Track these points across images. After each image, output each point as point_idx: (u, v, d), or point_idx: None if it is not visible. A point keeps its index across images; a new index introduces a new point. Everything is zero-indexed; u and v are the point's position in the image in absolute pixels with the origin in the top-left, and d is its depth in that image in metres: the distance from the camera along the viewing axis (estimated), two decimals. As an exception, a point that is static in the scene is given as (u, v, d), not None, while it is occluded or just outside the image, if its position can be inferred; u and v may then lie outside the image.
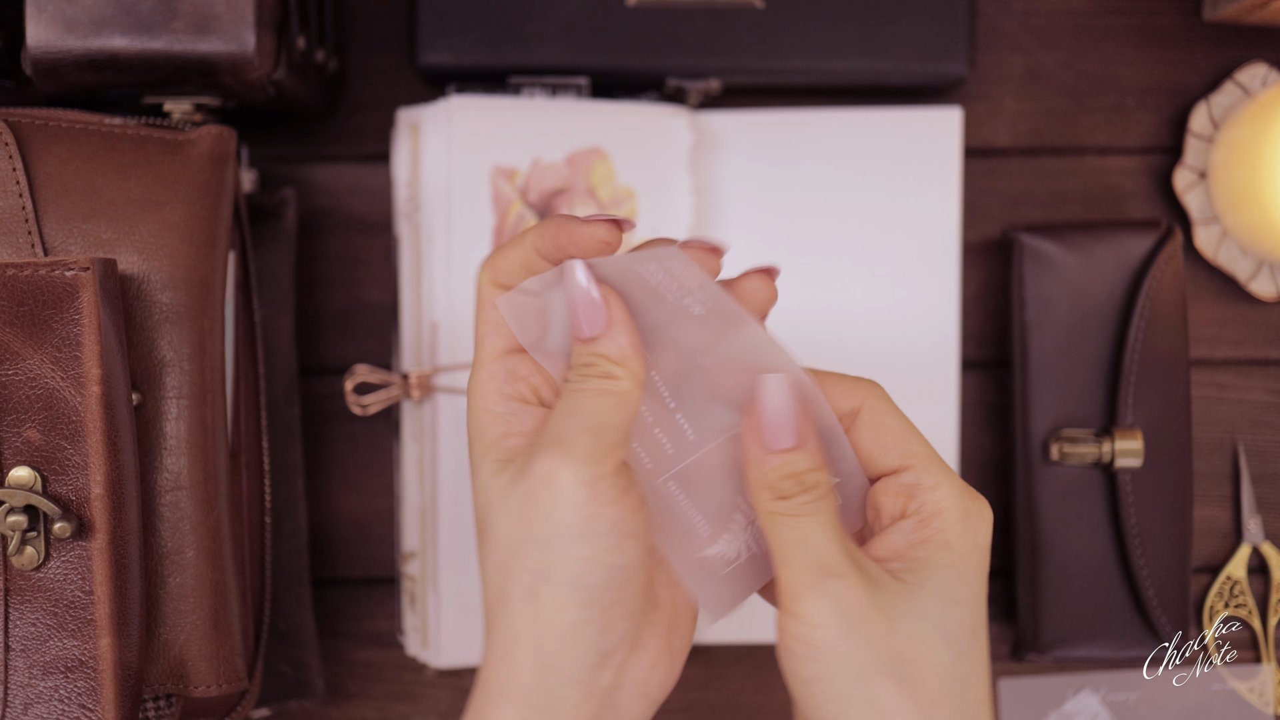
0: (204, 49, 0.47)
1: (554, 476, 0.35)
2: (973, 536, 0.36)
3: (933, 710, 0.35)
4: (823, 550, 0.35)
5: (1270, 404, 0.62)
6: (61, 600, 0.42)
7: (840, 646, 0.34)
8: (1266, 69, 0.60)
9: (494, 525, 0.36)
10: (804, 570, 0.35)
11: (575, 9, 0.56)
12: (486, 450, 0.37)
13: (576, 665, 0.35)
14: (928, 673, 0.35)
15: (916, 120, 0.58)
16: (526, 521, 0.35)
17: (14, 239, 0.44)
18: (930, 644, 0.35)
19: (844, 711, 0.34)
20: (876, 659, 0.34)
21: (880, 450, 0.37)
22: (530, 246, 0.37)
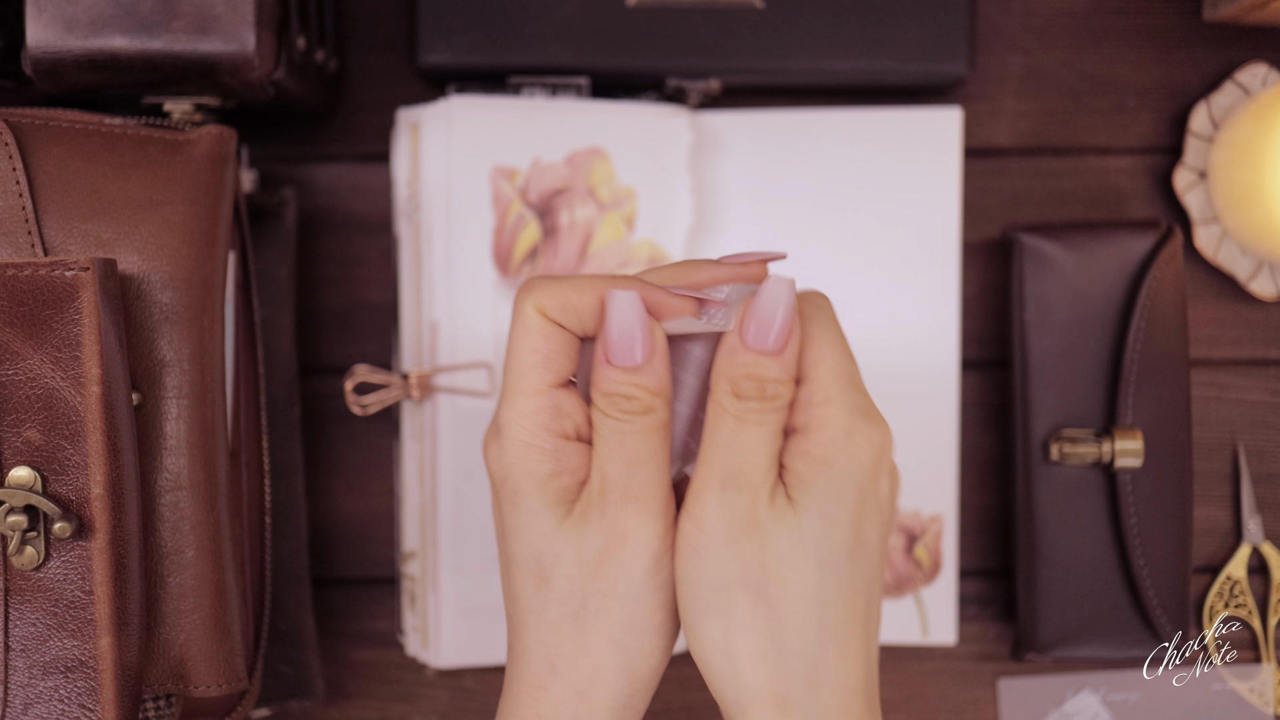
0: (204, 49, 0.47)
1: (635, 535, 0.36)
2: (854, 456, 0.36)
3: (784, 628, 0.35)
4: (747, 460, 0.35)
5: (1270, 404, 0.62)
6: (61, 600, 0.42)
7: (717, 554, 0.35)
8: (1266, 69, 0.60)
9: (558, 575, 0.36)
10: (717, 473, 0.35)
11: (575, 9, 0.56)
12: (541, 490, 0.36)
13: (646, 700, 0.38)
14: (788, 593, 0.35)
15: (916, 120, 0.58)
16: (604, 575, 0.36)
17: (14, 239, 0.44)
18: (800, 564, 0.35)
19: (700, 618, 0.36)
20: (743, 573, 0.35)
21: (800, 356, 0.37)
22: (598, 299, 0.36)
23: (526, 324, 0.37)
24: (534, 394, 0.37)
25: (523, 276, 0.56)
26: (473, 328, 0.56)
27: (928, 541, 0.59)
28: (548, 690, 0.37)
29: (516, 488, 0.37)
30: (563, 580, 0.36)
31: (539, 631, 0.37)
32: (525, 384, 0.37)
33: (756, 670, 0.35)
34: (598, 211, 0.57)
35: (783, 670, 0.35)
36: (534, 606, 0.37)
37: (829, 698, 0.35)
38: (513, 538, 0.37)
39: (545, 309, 0.37)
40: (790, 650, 0.35)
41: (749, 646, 0.35)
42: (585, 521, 0.36)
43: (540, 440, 0.37)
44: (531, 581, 0.37)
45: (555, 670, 0.37)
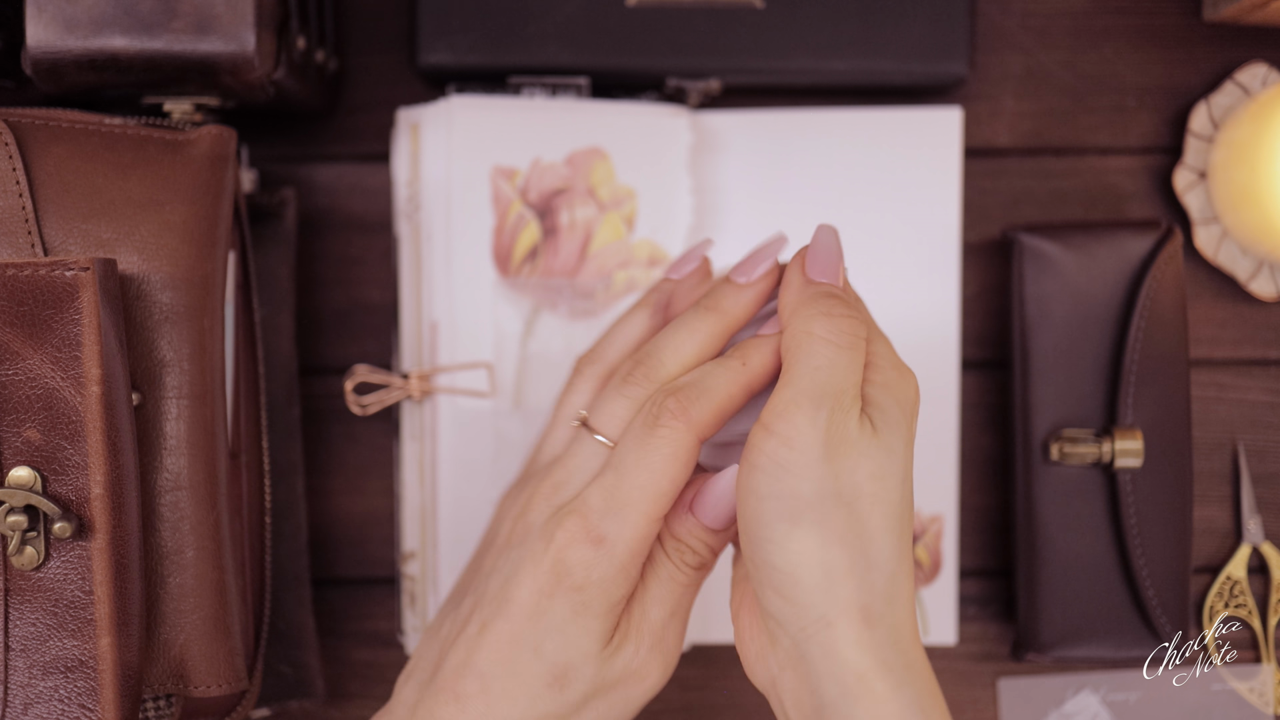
0: (204, 49, 0.47)
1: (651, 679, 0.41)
2: (907, 390, 0.38)
3: (873, 543, 0.36)
4: (840, 382, 0.36)
5: (1270, 404, 0.62)
6: (61, 600, 0.42)
7: (813, 471, 0.35)
8: (1266, 69, 0.60)
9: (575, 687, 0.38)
10: (809, 394, 0.36)
11: (575, 9, 0.56)
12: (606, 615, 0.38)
13: None
14: (878, 508, 0.36)
15: (916, 120, 0.58)
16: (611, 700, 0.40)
17: (14, 239, 0.44)
18: (889, 482, 0.36)
19: (792, 531, 0.35)
20: (836, 488, 0.35)
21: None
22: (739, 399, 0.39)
23: (679, 453, 0.37)
24: (655, 522, 0.37)
25: (522, 276, 0.56)
26: (473, 328, 0.56)
27: (928, 541, 0.59)
28: None
29: (587, 604, 0.37)
30: (576, 693, 0.38)
31: (524, 715, 0.38)
32: (654, 510, 0.37)
33: (847, 582, 0.35)
34: (598, 211, 0.57)
35: (868, 583, 0.36)
36: (534, 696, 0.38)
37: (903, 612, 0.36)
38: (551, 636, 0.37)
39: (703, 436, 0.37)
40: (876, 564, 0.36)
41: (842, 558, 0.35)
42: (620, 649, 0.38)
43: (636, 568, 0.38)
44: (546, 679, 0.38)
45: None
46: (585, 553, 0.37)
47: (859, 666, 0.35)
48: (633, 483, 0.37)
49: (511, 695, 0.38)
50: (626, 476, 0.37)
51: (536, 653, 0.37)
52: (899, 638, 0.36)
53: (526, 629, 0.37)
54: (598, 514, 0.37)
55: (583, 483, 0.39)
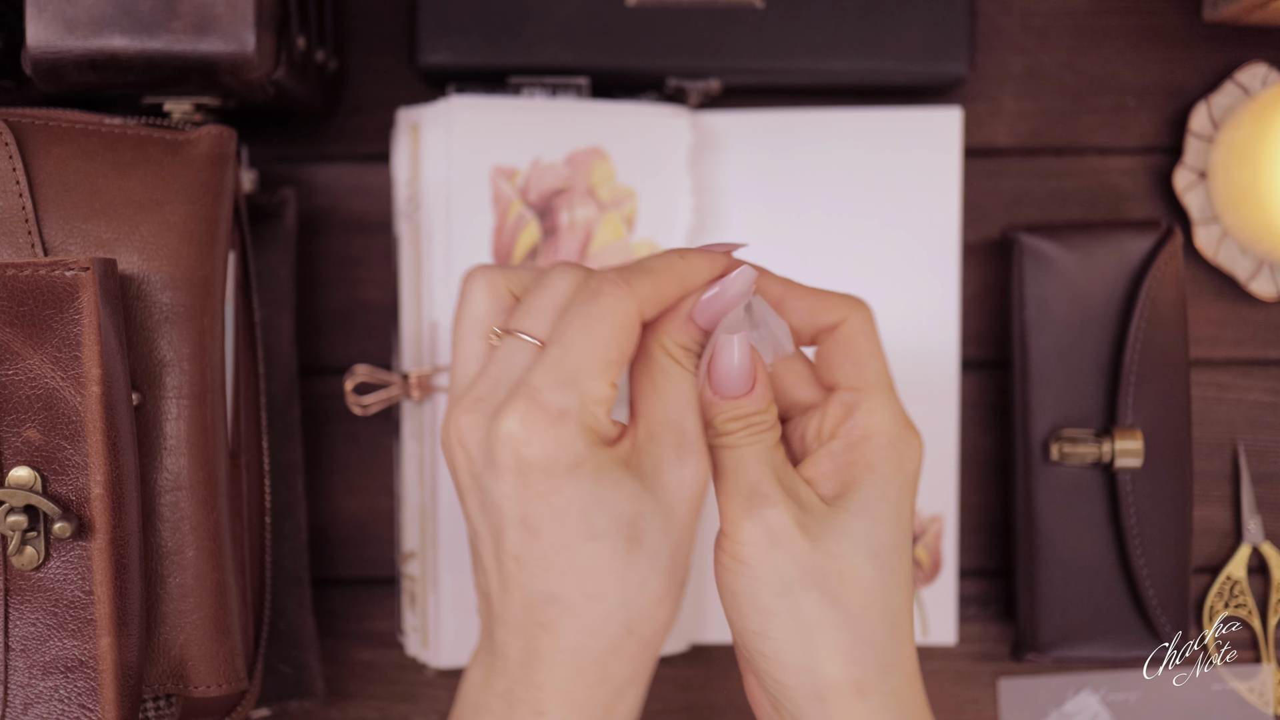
0: (204, 49, 0.47)
1: (705, 480, 0.38)
2: (898, 462, 0.38)
3: (853, 619, 0.37)
4: (755, 476, 0.37)
5: (1270, 404, 0.62)
6: (61, 600, 0.42)
7: (766, 562, 0.37)
8: (1266, 69, 0.60)
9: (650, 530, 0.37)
10: (737, 495, 0.37)
11: (575, 9, 0.56)
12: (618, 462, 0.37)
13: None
14: (849, 586, 0.37)
15: (916, 120, 0.58)
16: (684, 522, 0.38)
17: (14, 239, 0.44)
18: (853, 559, 0.37)
19: (767, 622, 0.37)
20: (799, 573, 0.36)
21: (839, 364, 0.40)
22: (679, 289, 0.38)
23: (621, 320, 0.36)
24: (609, 386, 0.37)
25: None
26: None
27: (928, 541, 0.59)
28: (620, 652, 0.36)
29: (597, 468, 0.35)
30: (655, 534, 0.36)
31: (624, 595, 0.36)
32: (605, 375, 0.36)
33: (834, 660, 0.37)
34: (598, 211, 0.57)
35: (858, 658, 0.37)
36: (621, 572, 0.36)
37: (899, 679, 0.37)
38: (595, 513, 0.35)
39: (644, 309, 0.37)
40: (863, 639, 0.37)
41: (826, 639, 0.37)
42: (661, 474, 0.37)
43: (604, 427, 0.37)
44: (623, 546, 0.36)
45: (631, 631, 0.36)
46: (553, 433, 0.35)
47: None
48: (580, 351, 0.36)
49: (601, 592, 0.36)
50: (572, 348, 0.36)
51: (594, 536, 0.35)
52: (898, 702, 0.37)
53: (563, 533, 0.35)
54: (550, 390, 0.35)
55: (510, 382, 0.37)
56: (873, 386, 0.39)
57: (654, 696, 0.61)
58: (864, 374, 0.39)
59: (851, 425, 0.39)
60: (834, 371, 0.40)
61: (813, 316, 0.40)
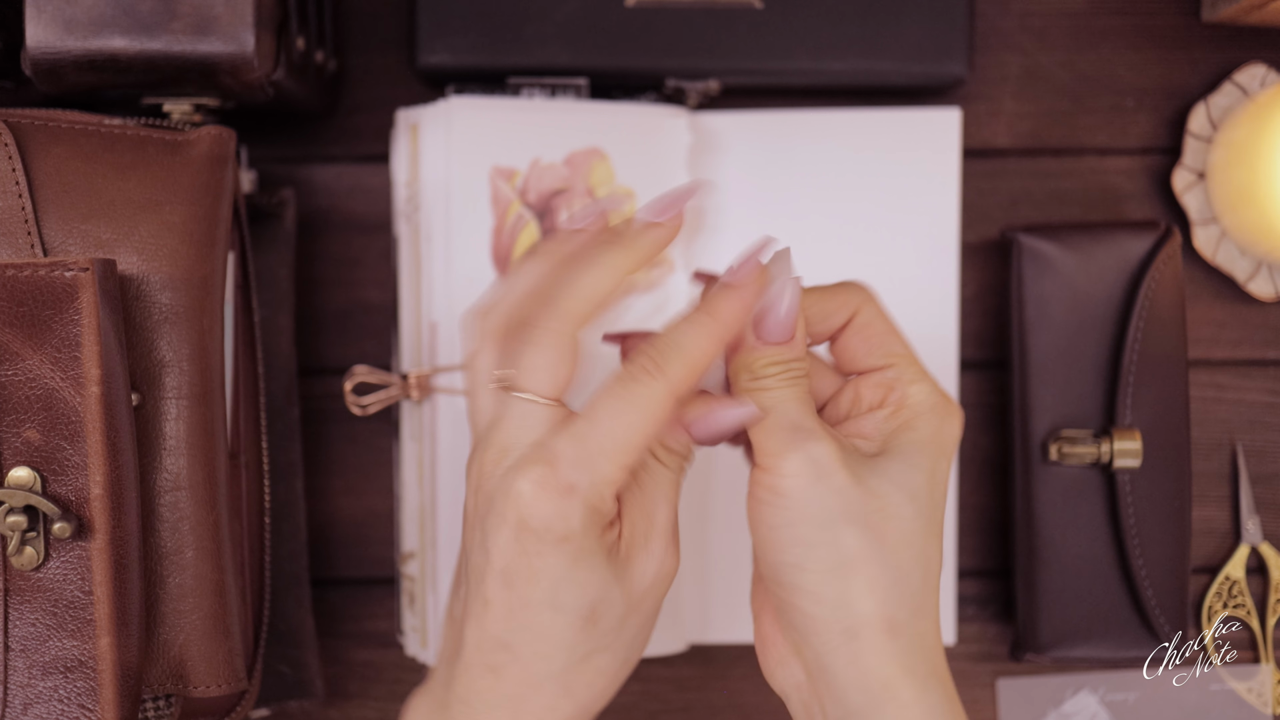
0: (203, 50, 0.47)
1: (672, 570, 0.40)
2: (938, 427, 0.39)
3: (891, 556, 0.37)
4: (796, 414, 0.38)
5: (1269, 404, 0.62)
6: (61, 600, 0.42)
7: (809, 494, 0.37)
8: (1265, 70, 0.60)
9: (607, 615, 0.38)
10: (780, 429, 0.38)
11: (574, 9, 0.56)
12: (603, 549, 0.38)
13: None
14: (889, 524, 0.37)
15: (915, 121, 0.58)
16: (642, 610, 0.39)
17: (14, 239, 0.44)
18: (894, 499, 0.38)
19: (806, 554, 0.37)
20: (842, 507, 0.37)
21: (866, 350, 0.40)
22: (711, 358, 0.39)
23: (653, 407, 0.37)
24: (624, 471, 0.37)
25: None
26: (472, 328, 0.56)
27: (927, 542, 0.59)
28: (556, 710, 0.38)
29: (582, 549, 0.37)
30: (611, 618, 0.38)
31: (566, 663, 0.38)
32: (622, 459, 0.37)
33: (870, 596, 0.37)
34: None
35: (893, 596, 0.37)
36: (570, 644, 0.37)
37: (927, 625, 0.38)
38: (563, 588, 0.37)
39: (678, 393, 0.37)
40: (900, 577, 0.37)
41: (863, 574, 0.37)
42: (631, 563, 0.38)
43: (608, 509, 0.38)
44: (578, 624, 0.37)
45: (570, 693, 0.38)
46: (556, 504, 0.36)
47: (884, 675, 0.37)
48: (606, 433, 0.37)
49: (545, 654, 0.37)
50: (599, 426, 0.37)
51: (555, 608, 0.37)
52: (923, 645, 0.38)
53: (531, 593, 0.37)
54: (568, 463, 0.36)
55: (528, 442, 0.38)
56: (904, 361, 0.40)
57: (654, 696, 0.61)
58: (892, 352, 0.40)
59: (893, 397, 0.40)
60: (859, 359, 0.41)
61: (826, 319, 0.41)
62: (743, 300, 0.39)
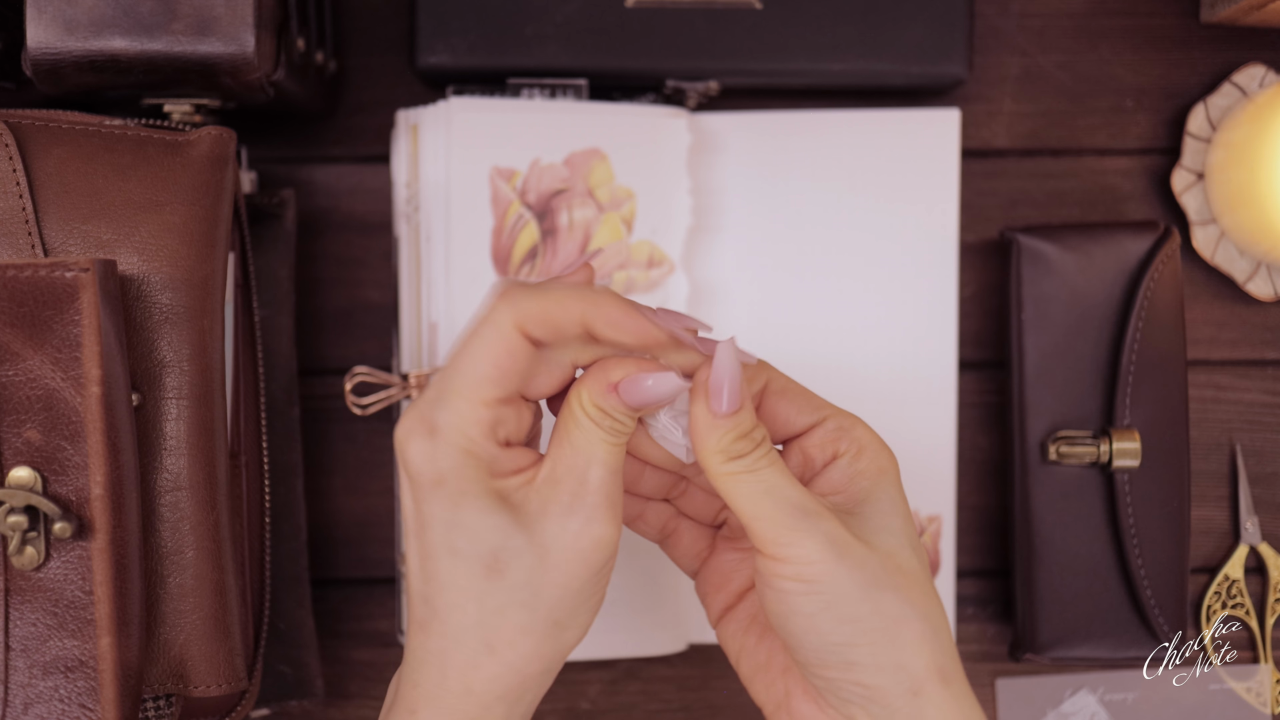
0: (204, 50, 0.47)
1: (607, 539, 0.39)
2: (893, 463, 0.40)
3: (924, 609, 0.38)
4: (794, 495, 0.38)
5: (1267, 404, 0.62)
6: (61, 600, 0.42)
7: (838, 573, 0.37)
8: (1264, 70, 0.60)
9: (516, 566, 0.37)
10: (782, 515, 0.37)
11: (574, 10, 0.56)
12: (488, 492, 0.37)
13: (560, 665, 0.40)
14: (909, 579, 0.38)
15: (915, 121, 0.58)
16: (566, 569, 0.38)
17: (14, 240, 0.44)
18: (901, 553, 0.39)
19: (857, 629, 0.37)
20: (871, 577, 0.37)
21: (796, 410, 0.41)
22: (581, 316, 0.37)
23: (498, 335, 0.37)
24: (482, 405, 0.37)
25: (522, 277, 0.56)
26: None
27: (926, 541, 0.59)
28: (481, 668, 0.38)
29: (460, 490, 0.37)
30: (520, 570, 0.37)
31: (480, 615, 0.37)
32: (476, 394, 0.37)
33: (921, 652, 0.38)
34: (597, 212, 0.57)
35: (939, 646, 0.38)
36: (478, 594, 0.37)
37: (959, 665, 0.39)
38: (455, 533, 0.37)
39: (526, 325, 0.37)
40: (937, 626, 0.38)
41: (911, 632, 0.37)
42: (546, 517, 0.37)
43: (481, 449, 0.37)
44: (480, 571, 0.37)
45: (493, 650, 0.37)
46: (423, 445, 0.37)
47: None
48: (457, 368, 0.37)
49: (455, 603, 0.37)
50: (453, 363, 0.37)
51: (453, 553, 0.37)
52: (965, 690, 0.38)
53: (429, 540, 0.37)
54: (429, 403, 0.37)
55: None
56: (834, 410, 0.41)
57: (653, 696, 0.61)
58: (819, 405, 0.41)
59: (849, 443, 0.40)
60: (792, 420, 0.41)
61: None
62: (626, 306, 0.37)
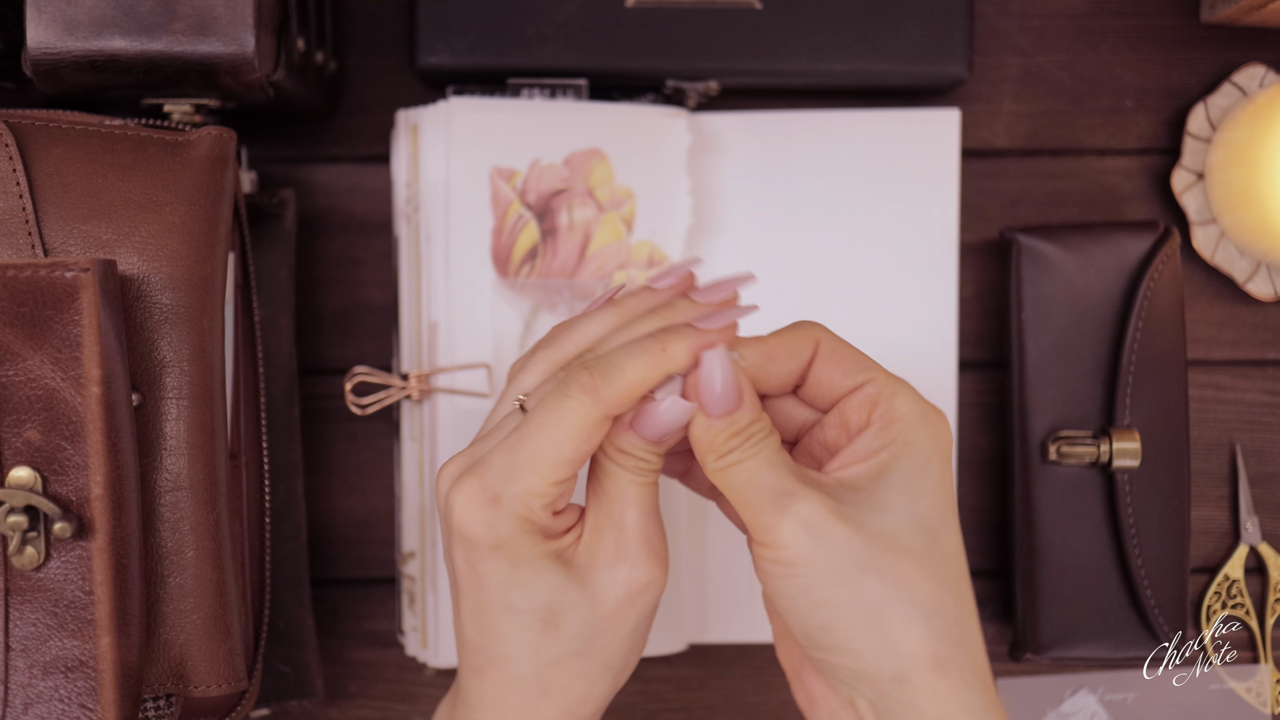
0: (204, 50, 0.47)
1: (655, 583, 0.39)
2: (933, 434, 0.39)
3: (918, 592, 0.37)
4: (772, 480, 0.37)
5: (1267, 404, 0.62)
6: (61, 600, 0.42)
7: (814, 556, 0.36)
8: (1264, 70, 0.60)
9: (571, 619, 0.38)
10: (763, 503, 0.37)
11: (574, 10, 0.56)
12: (544, 555, 0.38)
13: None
14: (905, 561, 0.37)
15: (915, 121, 0.58)
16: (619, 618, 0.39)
17: (14, 240, 0.44)
18: (901, 534, 0.37)
19: (835, 614, 0.37)
20: (852, 559, 0.36)
21: (842, 373, 0.40)
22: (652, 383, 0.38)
23: (582, 424, 0.37)
24: (553, 484, 0.38)
25: (521, 277, 0.56)
26: (472, 329, 0.56)
27: (926, 542, 0.59)
28: (539, 710, 0.39)
29: (518, 554, 0.38)
30: (575, 624, 0.38)
31: (537, 666, 0.38)
32: (550, 475, 0.37)
33: (909, 637, 0.36)
34: (597, 212, 0.57)
35: (932, 632, 0.36)
36: (536, 646, 0.38)
37: (972, 653, 0.37)
38: (511, 591, 0.38)
39: (609, 410, 0.37)
40: (933, 611, 0.37)
41: (897, 617, 0.36)
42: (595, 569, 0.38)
43: (540, 518, 0.38)
44: (537, 626, 0.38)
45: (549, 695, 0.39)
46: (483, 513, 0.37)
47: (941, 716, 0.36)
48: (533, 447, 0.37)
49: (512, 655, 0.38)
50: (528, 440, 0.37)
51: (510, 610, 0.38)
52: (975, 679, 0.37)
53: (485, 598, 0.38)
54: (495, 474, 0.37)
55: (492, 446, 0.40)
56: (881, 374, 0.39)
57: (653, 696, 0.61)
58: (868, 368, 0.39)
59: (880, 412, 0.39)
60: (836, 383, 0.40)
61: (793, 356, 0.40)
62: (701, 341, 0.38)
